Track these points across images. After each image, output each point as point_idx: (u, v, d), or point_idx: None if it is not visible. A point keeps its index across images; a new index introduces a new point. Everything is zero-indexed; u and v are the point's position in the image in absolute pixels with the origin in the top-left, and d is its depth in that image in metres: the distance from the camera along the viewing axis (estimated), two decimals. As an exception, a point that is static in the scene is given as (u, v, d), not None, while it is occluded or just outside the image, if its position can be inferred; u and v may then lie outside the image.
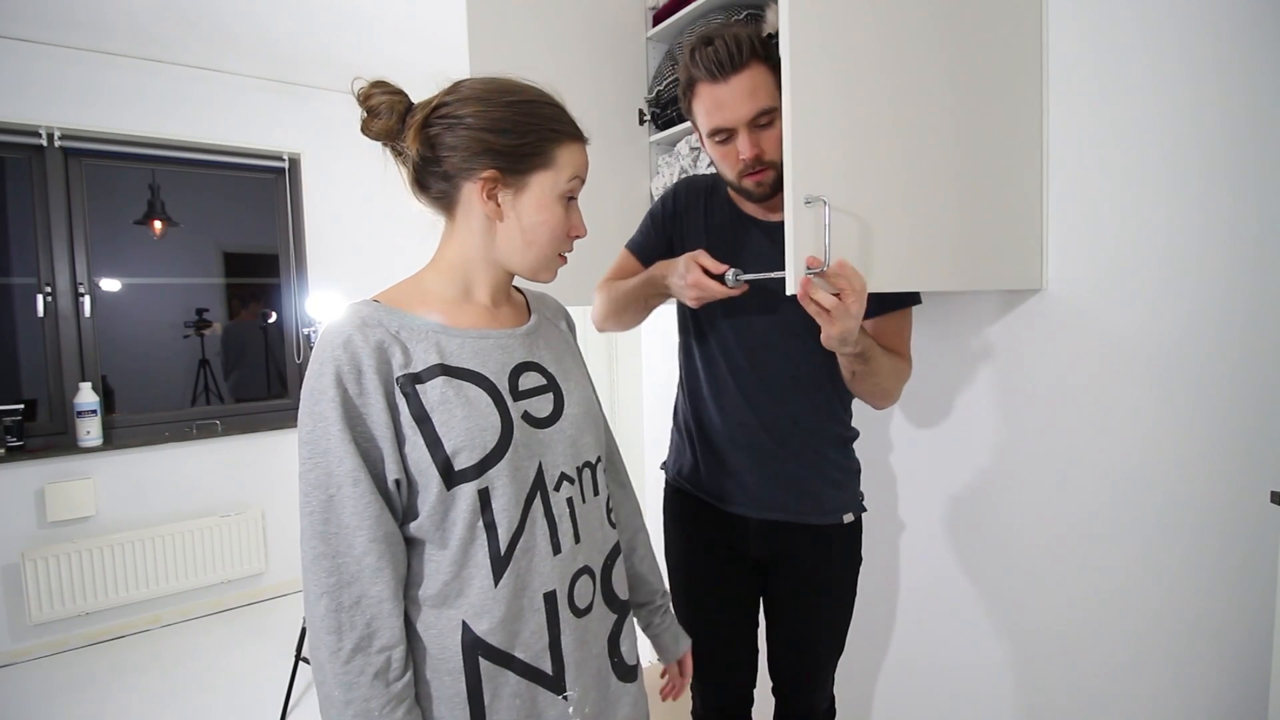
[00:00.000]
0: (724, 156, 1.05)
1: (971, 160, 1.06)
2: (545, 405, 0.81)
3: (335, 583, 0.68)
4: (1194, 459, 1.04)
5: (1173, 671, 1.08)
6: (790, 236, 0.85)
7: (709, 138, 1.05)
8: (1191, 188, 1.02)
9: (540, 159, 0.77)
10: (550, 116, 0.79)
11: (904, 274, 0.98)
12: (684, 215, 1.21)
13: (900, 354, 1.11)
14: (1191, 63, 1.01)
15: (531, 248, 0.80)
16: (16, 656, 2.61)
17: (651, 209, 1.26)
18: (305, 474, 0.69)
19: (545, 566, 0.77)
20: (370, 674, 0.67)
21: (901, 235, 0.98)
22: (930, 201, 1.01)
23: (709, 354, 1.18)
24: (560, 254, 0.84)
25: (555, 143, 0.78)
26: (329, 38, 2.67)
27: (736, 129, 1.01)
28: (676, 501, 1.29)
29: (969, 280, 1.09)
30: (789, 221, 0.85)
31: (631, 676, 0.88)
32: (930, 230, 1.02)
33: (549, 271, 0.84)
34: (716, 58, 0.98)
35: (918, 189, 1.00)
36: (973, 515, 1.36)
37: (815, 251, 0.85)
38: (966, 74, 1.05)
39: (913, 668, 1.51)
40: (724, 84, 0.99)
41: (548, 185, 0.78)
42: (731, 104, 0.99)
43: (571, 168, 0.80)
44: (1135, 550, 1.11)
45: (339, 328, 0.72)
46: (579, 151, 0.81)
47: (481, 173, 0.76)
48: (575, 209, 0.84)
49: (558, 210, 0.80)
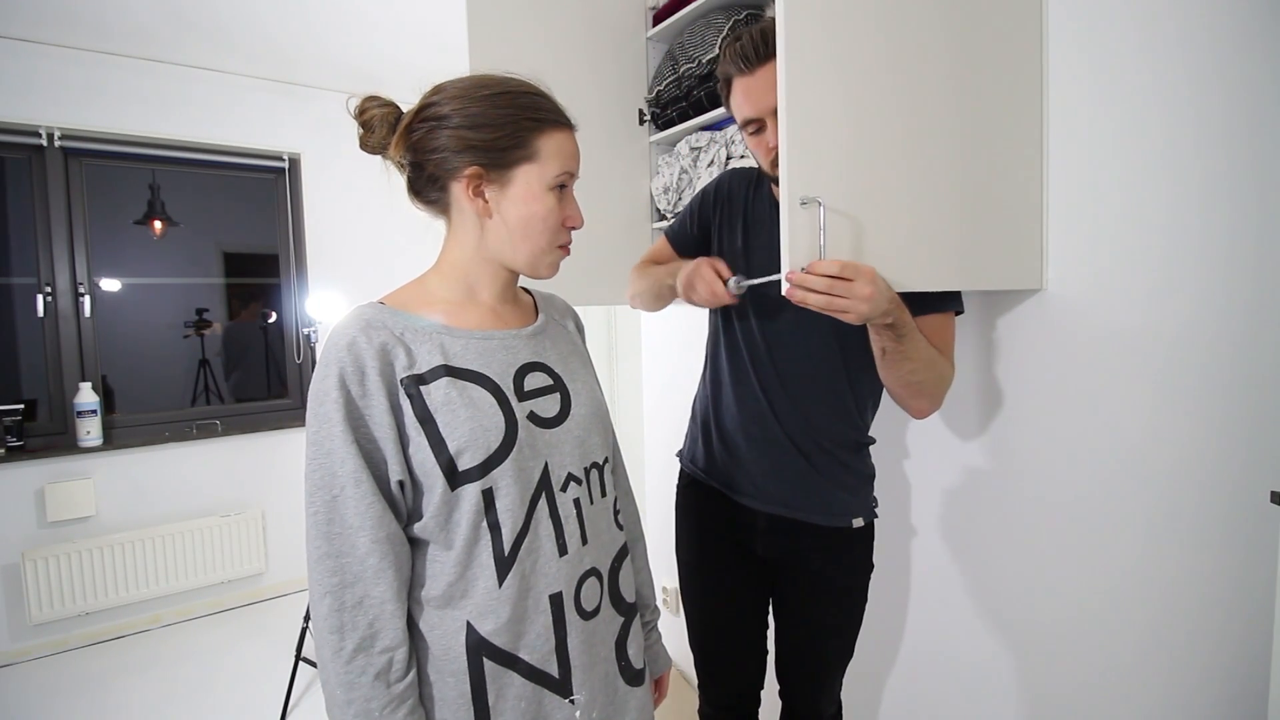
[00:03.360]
0: (756, 146, 1.08)
1: (971, 160, 1.06)
2: (552, 405, 0.81)
3: (338, 583, 0.68)
4: (1194, 459, 1.04)
5: (1173, 672, 1.08)
6: (786, 238, 0.85)
7: (743, 129, 1.08)
8: (1192, 188, 1.02)
9: (522, 151, 0.76)
10: (528, 106, 0.77)
11: (904, 274, 0.98)
12: (726, 204, 1.22)
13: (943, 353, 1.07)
14: (1192, 62, 1.01)
15: (524, 242, 0.79)
16: (16, 656, 2.61)
17: (697, 196, 1.28)
18: (310, 474, 0.70)
19: (551, 568, 0.77)
20: (371, 674, 0.68)
21: (900, 235, 0.97)
22: (929, 202, 1.01)
23: (734, 344, 1.19)
24: (558, 245, 0.82)
25: (535, 132, 0.76)
26: (329, 38, 2.67)
27: (765, 119, 1.03)
28: (689, 493, 1.29)
29: (969, 280, 1.09)
30: (784, 223, 0.85)
31: (639, 680, 0.88)
32: (929, 230, 1.02)
33: (548, 266, 0.82)
34: (743, 51, 1.01)
35: (917, 190, 1.00)
36: (972, 516, 1.36)
37: (811, 252, 0.85)
38: (965, 73, 1.05)
39: (919, 671, 1.51)
40: (751, 75, 1.02)
41: (533, 177, 0.77)
42: (758, 94, 1.01)
43: (557, 156, 0.78)
44: (1135, 550, 1.11)
45: (343, 330, 0.72)
46: (564, 139, 0.79)
47: (464, 170, 0.75)
48: (569, 199, 0.82)
49: (547, 201, 0.78)
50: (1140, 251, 1.07)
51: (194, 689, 2.40)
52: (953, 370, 1.08)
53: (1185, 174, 1.02)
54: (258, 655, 2.62)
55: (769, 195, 1.18)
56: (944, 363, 1.05)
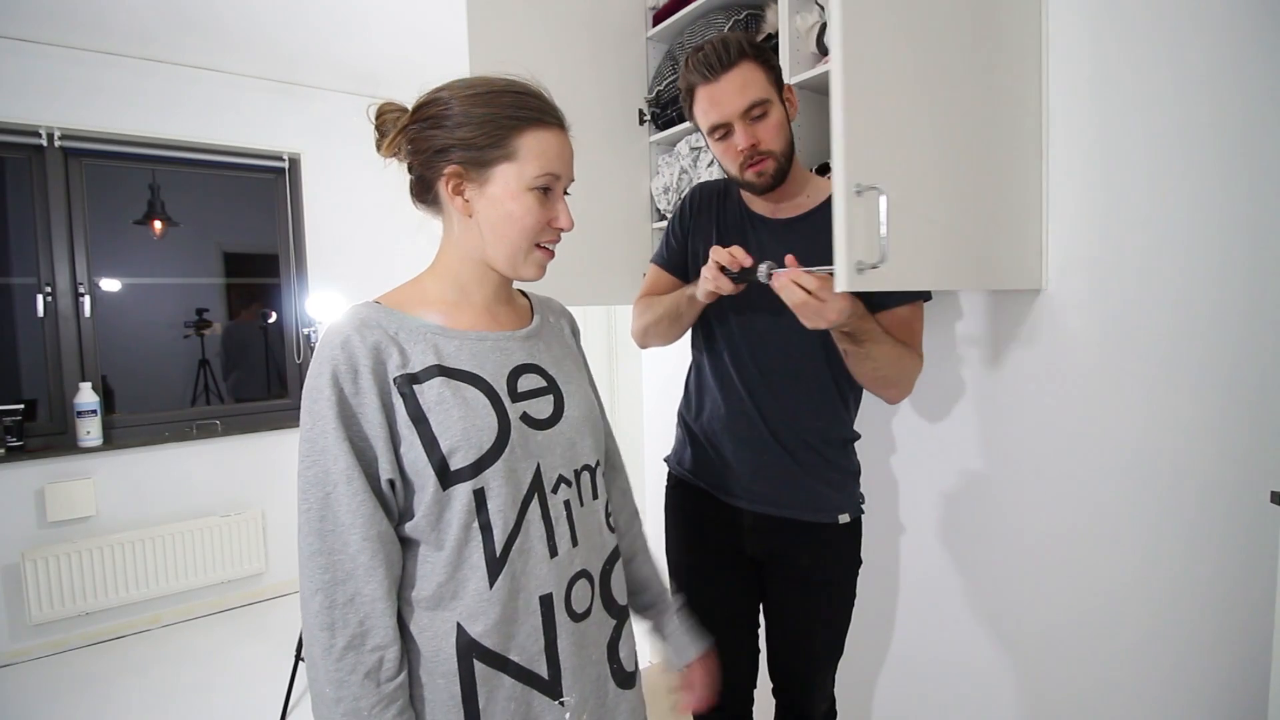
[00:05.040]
0: (725, 152, 1.09)
1: (972, 160, 1.06)
2: (545, 407, 0.81)
3: (330, 580, 0.68)
4: (1194, 459, 1.04)
5: (1173, 672, 1.08)
6: (842, 227, 0.83)
7: (710, 135, 1.09)
8: (1192, 188, 1.02)
9: (500, 150, 0.75)
10: (510, 105, 0.76)
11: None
12: (698, 218, 1.24)
13: (909, 346, 1.10)
14: (1192, 62, 1.01)
15: (501, 242, 0.78)
16: (16, 656, 2.61)
17: (671, 219, 1.29)
18: (304, 472, 0.70)
19: (541, 569, 0.77)
20: (362, 672, 0.68)
21: (922, 232, 0.97)
22: (952, 200, 1.01)
23: (716, 345, 1.20)
24: (538, 246, 0.80)
25: (515, 131, 0.75)
26: (329, 38, 2.67)
27: (732, 122, 1.05)
28: (677, 494, 1.31)
29: (970, 280, 1.09)
30: (839, 211, 0.83)
31: (630, 683, 0.87)
32: (950, 228, 1.01)
33: (530, 267, 0.80)
34: (706, 60, 1.04)
35: (943, 187, 0.99)
36: (971, 516, 1.36)
37: (870, 242, 0.85)
38: (980, 71, 1.05)
39: (913, 669, 1.51)
40: (716, 82, 1.04)
41: (511, 176, 0.76)
42: (725, 99, 1.04)
43: (538, 156, 0.76)
44: (1135, 550, 1.11)
45: (338, 329, 0.73)
46: (548, 138, 0.77)
47: (444, 169, 0.76)
48: (557, 200, 0.80)
49: (524, 201, 0.76)
50: (1140, 252, 1.07)
51: (194, 689, 2.40)
52: (920, 360, 1.11)
53: (1186, 173, 1.02)
54: (258, 655, 2.62)
55: (739, 204, 1.21)
56: (909, 357, 1.09)
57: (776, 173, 1.08)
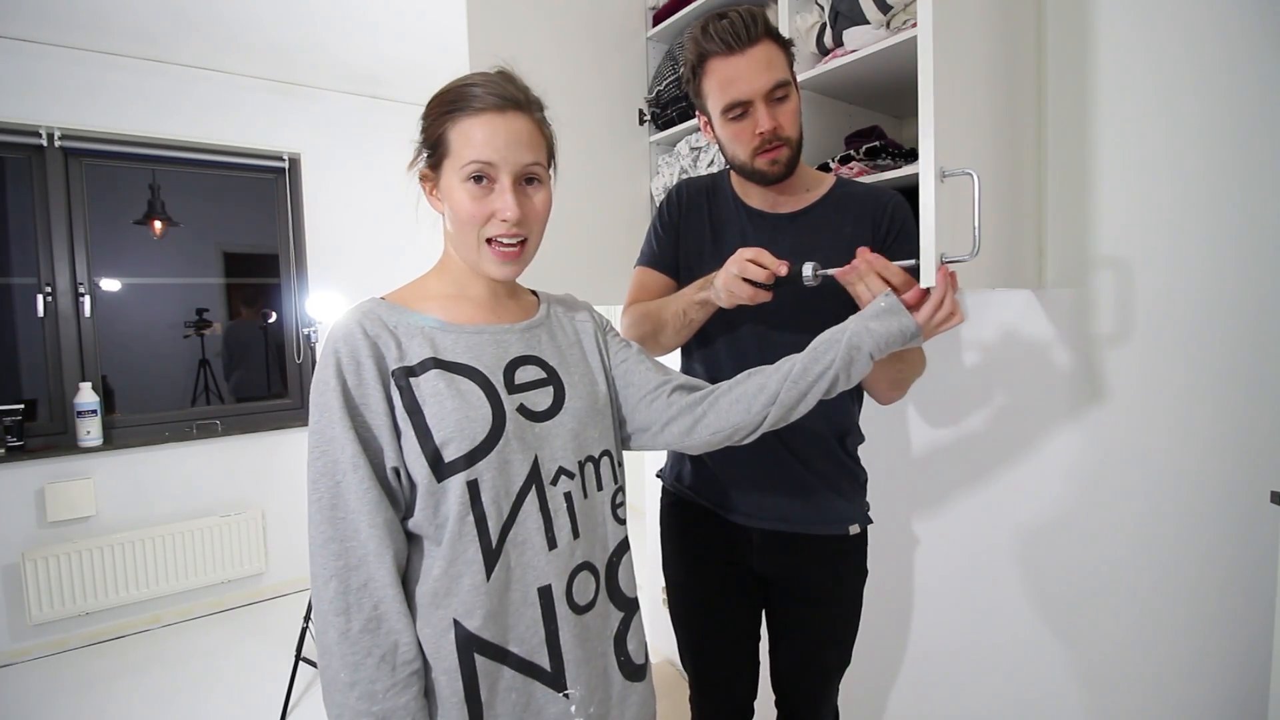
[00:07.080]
0: (738, 135, 1.01)
1: (1001, 159, 1.05)
2: (544, 399, 0.81)
3: (344, 565, 0.69)
4: (1194, 458, 1.04)
5: (1173, 672, 1.08)
6: (931, 215, 0.76)
7: (723, 114, 1.00)
8: (1192, 187, 1.02)
9: (441, 147, 0.77)
10: (448, 100, 0.77)
11: (991, 271, 0.96)
12: (688, 216, 1.16)
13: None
14: (1193, 61, 1.01)
15: (457, 239, 0.80)
16: (16, 656, 2.61)
17: (655, 219, 1.20)
18: (313, 462, 0.71)
19: (539, 561, 0.77)
20: (377, 655, 0.69)
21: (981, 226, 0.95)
22: (994, 196, 1.00)
23: (714, 355, 1.13)
24: (488, 240, 0.78)
25: (448, 123, 0.76)
26: (329, 38, 2.67)
27: (753, 101, 0.97)
28: (675, 513, 1.24)
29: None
30: (925, 198, 0.77)
31: (640, 675, 0.87)
32: (987, 227, 1.00)
33: (489, 264, 0.79)
34: (733, 29, 0.95)
35: (996, 183, 0.99)
36: (968, 516, 1.36)
37: (964, 234, 0.80)
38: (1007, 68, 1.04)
39: (917, 678, 1.51)
40: (740, 55, 0.96)
41: (452, 170, 0.77)
42: (749, 75, 0.96)
43: (465, 145, 0.74)
44: (1135, 550, 1.11)
45: (341, 323, 0.76)
46: (475, 125, 0.75)
47: (421, 173, 0.80)
48: (503, 190, 0.76)
49: (459, 195, 0.76)
50: (1140, 251, 1.07)
51: (194, 689, 2.40)
52: (924, 359, 1.08)
53: (1185, 173, 1.02)
54: (258, 655, 2.62)
55: (732, 199, 1.14)
56: (921, 357, 1.06)
57: (790, 161, 1.02)
